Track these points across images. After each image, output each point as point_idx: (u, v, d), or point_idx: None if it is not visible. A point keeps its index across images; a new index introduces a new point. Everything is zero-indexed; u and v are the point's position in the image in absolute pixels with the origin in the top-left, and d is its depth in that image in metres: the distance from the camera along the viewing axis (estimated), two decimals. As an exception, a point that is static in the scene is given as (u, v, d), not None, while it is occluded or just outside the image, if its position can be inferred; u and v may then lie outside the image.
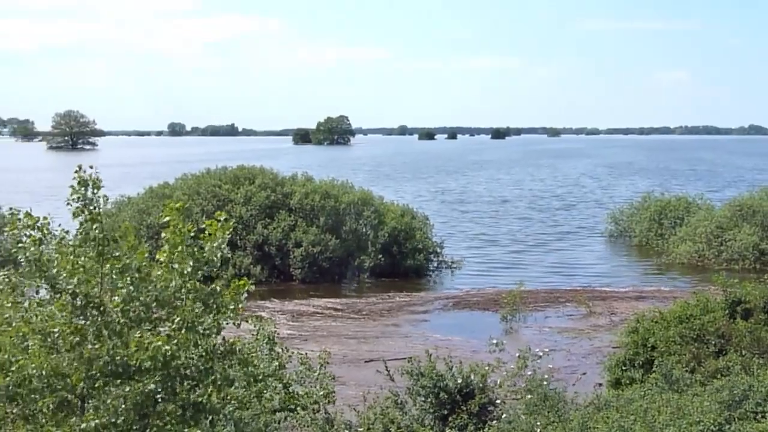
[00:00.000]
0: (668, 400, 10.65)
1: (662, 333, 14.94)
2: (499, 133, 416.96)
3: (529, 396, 12.79)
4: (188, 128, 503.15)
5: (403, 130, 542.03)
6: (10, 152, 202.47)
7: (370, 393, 14.54)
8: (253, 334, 12.12)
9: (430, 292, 31.78)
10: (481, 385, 13.55)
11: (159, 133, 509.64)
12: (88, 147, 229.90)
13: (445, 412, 13.20)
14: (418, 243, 34.65)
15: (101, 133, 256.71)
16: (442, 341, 22.48)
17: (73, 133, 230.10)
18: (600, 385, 16.84)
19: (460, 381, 13.45)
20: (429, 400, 13.34)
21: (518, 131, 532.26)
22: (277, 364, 11.75)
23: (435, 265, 35.90)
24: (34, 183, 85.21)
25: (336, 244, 32.95)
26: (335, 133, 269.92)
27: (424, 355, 14.09)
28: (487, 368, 13.86)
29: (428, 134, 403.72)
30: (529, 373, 13.83)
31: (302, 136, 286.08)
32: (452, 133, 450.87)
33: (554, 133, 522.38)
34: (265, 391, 10.88)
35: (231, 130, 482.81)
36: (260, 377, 10.17)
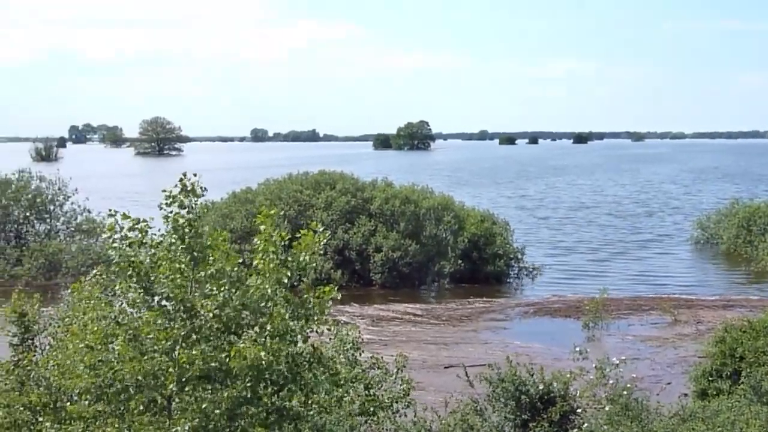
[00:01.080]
0: (757, 412, 10.39)
1: (751, 343, 14.56)
2: (581, 138, 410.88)
3: (611, 405, 12.61)
4: (270, 134, 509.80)
5: (483, 135, 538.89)
6: (99, 158, 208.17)
7: (451, 398, 14.53)
8: (337, 338, 12.23)
9: (511, 299, 31.56)
10: (562, 392, 13.40)
11: (242, 139, 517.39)
12: (173, 153, 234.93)
13: (526, 418, 13.10)
14: (498, 249, 34.48)
15: (186, 139, 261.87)
16: (523, 348, 22.32)
17: (160, 140, 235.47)
18: (685, 395, 16.49)
19: (541, 388, 13.33)
20: (509, 406, 13.26)
21: (601, 136, 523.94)
22: (359, 369, 11.84)
23: (515, 271, 35.67)
24: (123, 188, 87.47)
25: (416, 249, 33.00)
26: (415, 138, 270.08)
27: (504, 362, 14.02)
28: (568, 376, 13.70)
29: (509, 139, 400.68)
30: (612, 381, 13.62)
31: (382, 142, 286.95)
32: (533, 138, 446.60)
33: (638, 137, 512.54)
34: (346, 395, 10.98)
35: (312, 136, 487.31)
36: (342, 382, 10.26)
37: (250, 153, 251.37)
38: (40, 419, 8.85)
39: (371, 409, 11.42)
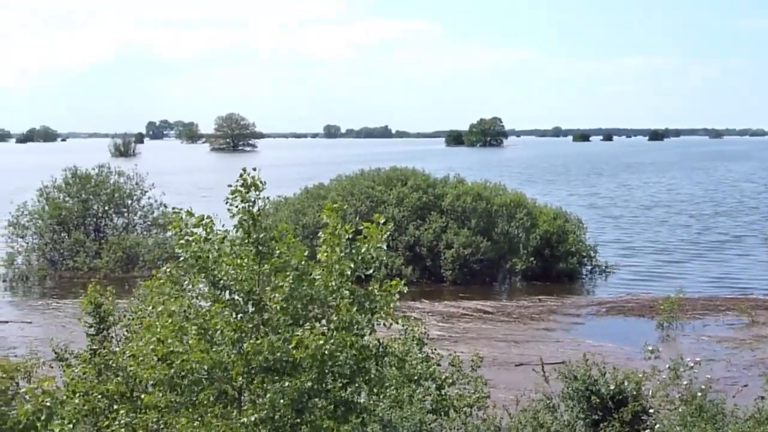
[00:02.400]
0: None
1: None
2: (657, 135, 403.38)
3: (685, 407, 12.37)
4: (343, 130, 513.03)
5: (557, 132, 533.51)
6: (176, 154, 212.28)
7: (522, 396, 14.45)
8: (403, 334, 12.25)
9: (583, 297, 31.20)
10: (634, 392, 13.21)
11: (315, 136, 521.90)
12: (248, 149, 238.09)
13: (597, 418, 12.95)
14: (570, 246, 34.12)
15: (260, 136, 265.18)
16: (595, 347, 22.03)
17: (234, 136, 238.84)
18: (762, 398, 16.06)
19: (613, 387, 13.16)
20: (581, 404, 13.12)
21: (677, 132, 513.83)
22: (431, 366, 11.83)
23: (588, 269, 35.25)
24: (197, 183, 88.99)
25: (487, 246, 32.85)
26: (488, 134, 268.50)
27: (577, 360, 13.87)
28: (641, 376, 13.49)
29: (583, 136, 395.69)
30: (685, 382, 13.37)
31: (455, 138, 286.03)
32: (608, 135, 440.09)
33: (716, 134, 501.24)
34: (417, 392, 10.99)
35: (384, 132, 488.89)
36: (414, 378, 10.27)
37: (323, 149, 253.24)
38: (117, 407, 9.06)
39: (443, 409, 11.40)
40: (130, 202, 39.85)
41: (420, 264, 32.98)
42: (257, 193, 8.94)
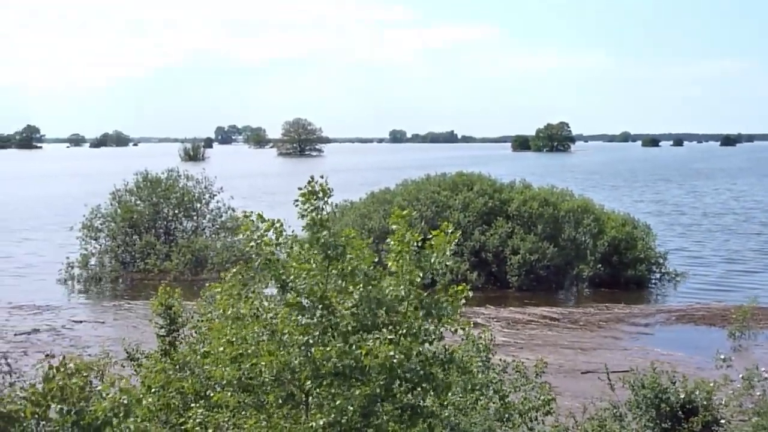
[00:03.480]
0: None
1: None
2: (729, 140, 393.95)
3: (758, 418, 12.09)
4: (409, 135, 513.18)
5: (625, 137, 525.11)
6: (243, 158, 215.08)
7: (589, 404, 14.28)
8: (470, 340, 12.22)
9: (651, 305, 30.70)
10: (705, 402, 12.96)
11: (381, 140, 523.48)
12: (314, 153, 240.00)
13: (666, 427, 12.74)
14: (639, 253, 33.59)
15: (327, 140, 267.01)
16: (664, 356, 21.65)
17: (301, 140, 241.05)
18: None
19: (683, 396, 12.93)
20: (649, 413, 12.92)
21: (750, 138, 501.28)
22: (494, 373, 11.79)
23: (657, 277, 34.66)
24: (263, 187, 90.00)
25: (554, 252, 32.56)
26: (555, 140, 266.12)
27: (646, 368, 13.66)
28: (712, 385, 13.23)
29: (652, 141, 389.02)
30: (759, 393, 13.07)
31: (521, 143, 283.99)
32: (678, 140, 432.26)
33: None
34: (481, 399, 10.95)
35: (450, 137, 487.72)
36: (478, 386, 10.25)
37: (388, 154, 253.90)
38: (192, 405, 9.23)
39: (507, 415, 11.35)
40: (198, 205, 40.52)
41: (485, 269, 32.83)
42: (325, 198, 9.03)
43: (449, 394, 9.48)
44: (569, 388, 18.96)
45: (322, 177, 9.21)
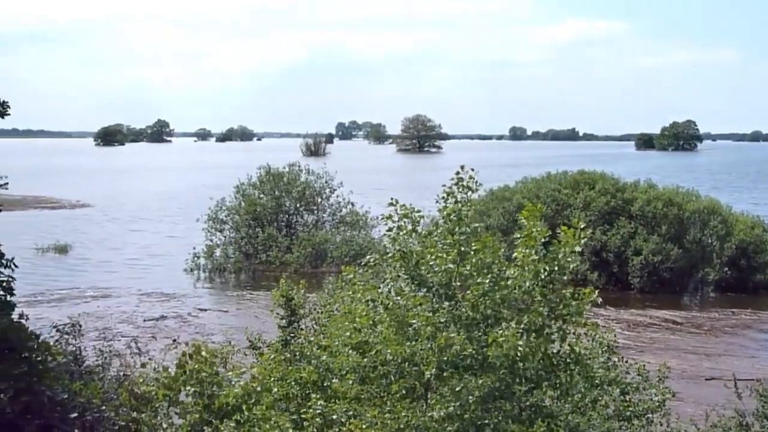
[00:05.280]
0: None
1: None
2: None
3: None
4: (529, 132, 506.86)
5: (756, 136, 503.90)
6: (363, 154, 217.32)
7: (713, 411, 13.86)
8: (596, 341, 12.04)
9: (782, 311, 29.50)
10: (840, 415, 12.36)
11: (500, 137, 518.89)
12: (433, 150, 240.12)
13: (796, 440, 12.22)
14: (770, 257, 32.30)
15: (446, 137, 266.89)
16: (795, 365, 20.81)
17: (420, 137, 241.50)
18: None
19: (815, 408, 12.37)
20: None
21: None
22: (614, 373, 11.57)
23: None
24: (382, 183, 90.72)
25: (678, 254, 31.67)
26: (680, 138, 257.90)
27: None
28: None
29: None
30: None
31: (645, 142, 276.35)
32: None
33: None
34: (600, 398, 10.79)
35: (571, 135, 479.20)
36: (598, 383, 10.10)
37: (507, 151, 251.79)
38: (311, 394, 9.45)
39: (626, 413, 11.15)
40: (319, 200, 41.24)
41: (606, 270, 32.24)
42: (468, 193, 9.10)
43: (570, 395, 9.39)
44: (692, 394, 18.47)
45: (472, 170, 9.29)
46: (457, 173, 9.16)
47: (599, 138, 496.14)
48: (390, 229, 9.26)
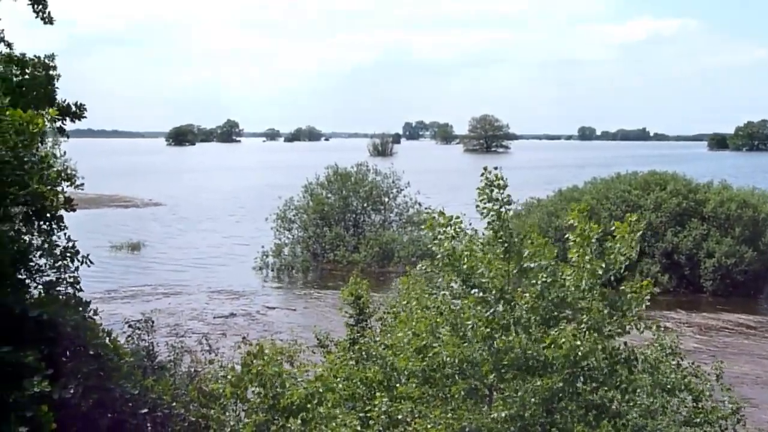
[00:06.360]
0: None
1: None
2: None
3: None
4: (598, 132, 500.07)
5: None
6: (430, 154, 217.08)
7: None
8: (655, 344, 11.84)
9: None
10: None
11: (569, 137, 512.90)
12: (501, 150, 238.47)
13: None
14: None
15: (513, 137, 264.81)
16: None
17: (488, 137, 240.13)
18: None
19: None
20: None
21: None
22: (686, 377, 11.35)
23: None
24: (449, 182, 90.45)
25: (753, 256, 30.92)
26: (756, 138, 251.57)
27: None
28: None
29: None
30: None
31: (718, 142, 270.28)
32: None
33: None
34: (670, 403, 10.60)
35: (642, 135, 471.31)
36: (668, 388, 9.95)
37: (575, 151, 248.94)
38: (376, 394, 9.50)
39: (697, 420, 10.92)
40: (386, 199, 41.33)
41: (677, 272, 31.65)
42: (502, 192, 9.04)
43: (636, 395, 9.27)
44: (767, 400, 18.00)
45: (496, 168, 9.23)
46: (482, 173, 9.09)
47: (670, 138, 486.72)
48: (435, 237, 9.25)
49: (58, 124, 11.33)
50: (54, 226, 8.85)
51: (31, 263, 8.79)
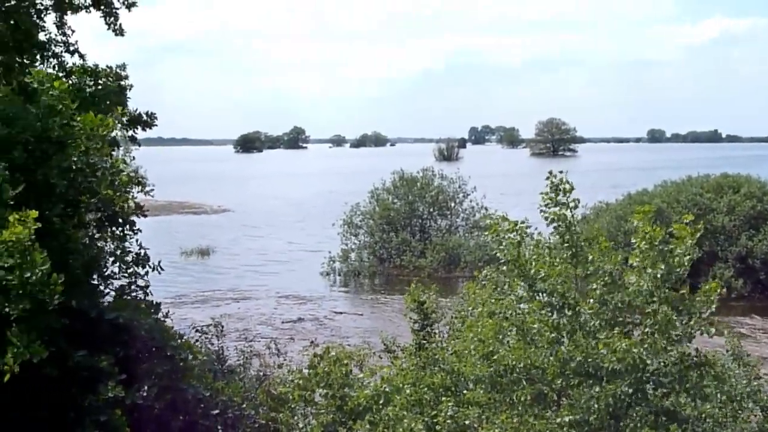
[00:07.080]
0: None
1: None
2: None
3: None
4: (668, 134, 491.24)
5: None
6: (496, 158, 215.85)
7: None
8: (726, 351, 11.59)
9: None
10: None
11: (638, 140, 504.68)
12: (568, 154, 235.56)
13: None
14: None
15: (581, 140, 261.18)
16: None
17: (555, 140, 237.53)
18: None
19: None
20: None
21: None
22: (755, 384, 11.08)
23: None
24: (516, 186, 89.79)
25: (832, 261, 30.02)
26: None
27: None
28: None
29: None
30: None
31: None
32: None
33: None
34: (740, 412, 10.36)
35: (713, 137, 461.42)
36: (737, 397, 9.75)
37: (644, 154, 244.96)
38: (443, 399, 9.50)
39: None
40: (452, 204, 41.23)
41: (752, 277, 30.91)
42: (567, 196, 8.96)
43: (707, 405, 9.08)
44: None
45: (561, 172, 9.15)
46: (547, 177, 9.01)
47: (744, 140, 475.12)
48: (500, 243, 9.21)
49: (130, 132, 11.57)
50: (127, 231, 9.03)
51: (104, 269, 8.98)
